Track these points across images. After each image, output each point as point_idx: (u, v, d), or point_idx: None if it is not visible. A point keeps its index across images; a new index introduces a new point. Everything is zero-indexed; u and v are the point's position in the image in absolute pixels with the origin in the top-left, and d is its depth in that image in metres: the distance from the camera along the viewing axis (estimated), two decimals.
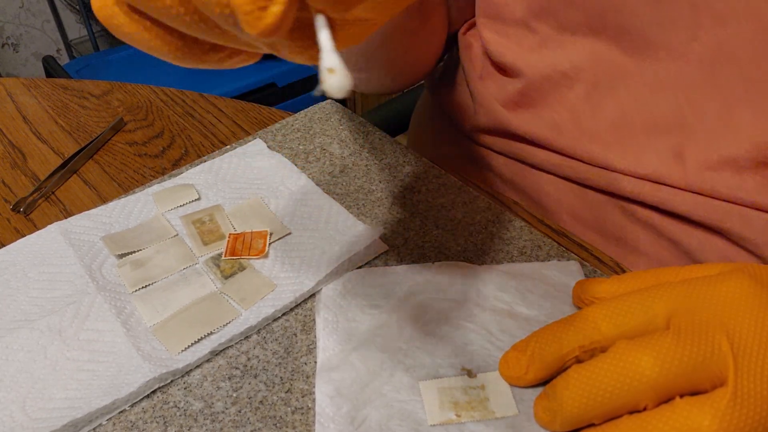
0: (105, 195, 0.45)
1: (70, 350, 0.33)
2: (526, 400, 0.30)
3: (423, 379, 0.31)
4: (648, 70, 0.38)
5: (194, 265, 0.38)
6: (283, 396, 0.31)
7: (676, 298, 0.28)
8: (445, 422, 0.29)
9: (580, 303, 0.33)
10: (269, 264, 0.38)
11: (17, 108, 0.55)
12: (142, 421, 0.30)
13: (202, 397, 0.31)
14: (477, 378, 0.31)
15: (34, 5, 1.95)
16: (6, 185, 0.46)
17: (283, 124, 0.50)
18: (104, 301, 0.35)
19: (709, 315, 0.26)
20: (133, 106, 0.55)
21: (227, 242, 0.39)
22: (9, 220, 0.43)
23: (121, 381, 0.31)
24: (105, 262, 0.38)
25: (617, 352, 0.27)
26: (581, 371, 0.27)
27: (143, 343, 0.33)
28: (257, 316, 0.34)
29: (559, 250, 0.39)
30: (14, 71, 2.02)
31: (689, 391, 0.26)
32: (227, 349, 0.33)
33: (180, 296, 0.36)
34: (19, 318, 0.35)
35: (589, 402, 0.26)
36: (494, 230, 0.40)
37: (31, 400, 0.31)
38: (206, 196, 0.43)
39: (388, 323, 0.34)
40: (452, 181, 0.44)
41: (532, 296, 0.35)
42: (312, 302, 0.36)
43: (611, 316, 0.29)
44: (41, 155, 0.50)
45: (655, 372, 0.25)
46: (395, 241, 0.39)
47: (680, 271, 0.31)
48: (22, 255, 0.38)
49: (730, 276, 0.27)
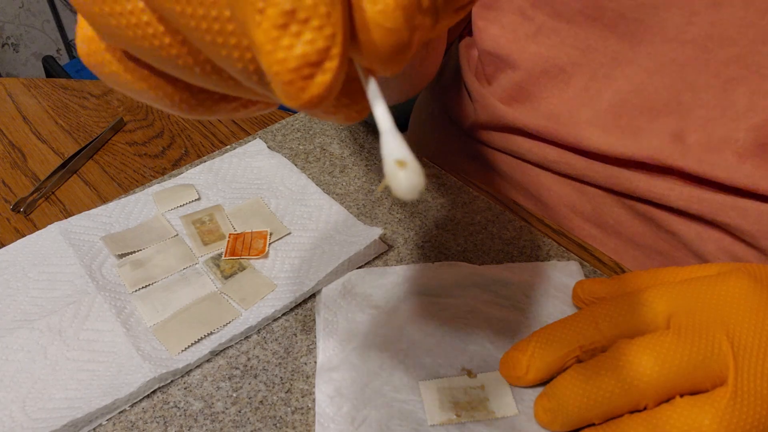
0: (105, 195, 0.45)
1: (70, 350, 0.33)
2: (526, 400, 0.30)
3: (423, 379, 0.31)
4: (644, 54, 0.38)
5: (194, 265, 0.38)
6: (283, 396, 0.31)
7: (676, 298, 0.28)
8: (445, 422, 0.29)
9: (580, 303, 0.34)
10: (269, 264, 0.38)
11: (17, 108, 0.55)
12: (142, 421, 0.30)
13: (202, 397, 0.31)
14: (477, 378, 0.31)
15: (34, 5, 1.95)
16: (6, 185, 0.46)
17: (283, 124, 0.50)
18: (104, 301, 0.35)
19: (710, 315, 0.26)
20: (133, 106, 0.55)
21: (227, 242, 0.39)
22: (9, 220, 0.43)
23: (121, 381, 0.31)
24: (105, 262, 0.38)
25: (617, 351, 0.27)
26: (581, 371, 0.27)
27: (143, 343, 0.33)
28: (257, 316, 0.34)
29: (559, 250, 0.39)
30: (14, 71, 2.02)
31: (689, 391, 0.26)
32: (227, 349, 0.33)
33: (180, 296, 0.36)
34: (19, 318, 0.35)
35: (589, 402, 0.26)
36: (494, 230, 0.40)
37: (31, 400, 0.31)
38: (206, 196, 0.43)
39: (388, 323, 0.34)
40: (452, 181, 0.44)
41: (532, 296, 0.35)
42: (312, 302, 0.36)
43: (611, 316, 0.29)
44: (41, 155, 0.50)
45: (655, 372, 0.25)
46: (395, 241, 0.39)
47: (680, 271, 0.31)
48: (22, 255, 0.38)
49: (730, 276, 0.27)
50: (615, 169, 0.40)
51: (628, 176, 0.39)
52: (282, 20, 0.13)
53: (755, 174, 0.35)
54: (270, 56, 0.13)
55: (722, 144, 0.36)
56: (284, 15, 0.13)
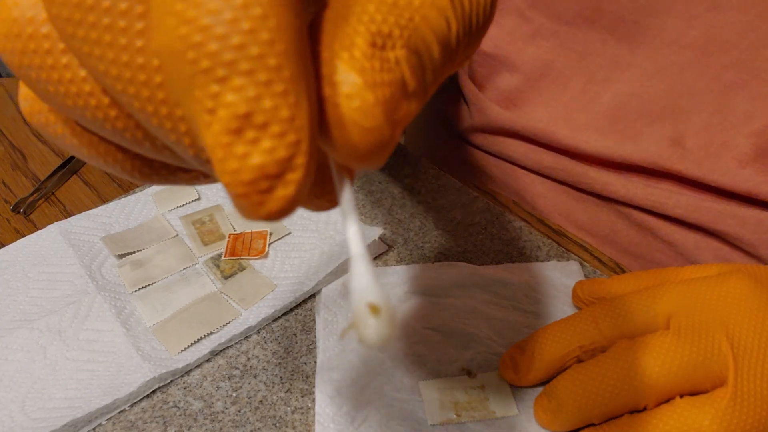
0: (105, 195, 0.45)
1: (70, 350, 0.33)
2: (526, 400, 0.30)
3: (423, 379, 0.31)
4: (642, 57, 0.37)
5: (194, 265, 0.38)
6: (283, 396, 0.31)
7: (677, 298, 0.28)
8: (445, 422, 0.29)
9: (580, 303, 0.34)
10: (269, 264, 0.38)
11: (17, 108, 0.55)
12: (142, 421, 0.30)
13: (202, 396, 0.31)
14: (477, 378, 0.31)
15: None
16: (6, 186, 0.46)
17: None
18: (104, 301, 0.35)
19: (710, 315, 0.26)
20: None
21: (227, 242, 0.39)
22: (9, 221, 0.43)
23: (121, 381, 0.31)
24: (105, 262, 0.38)
25: (617, 352, 0.27)
26: (581, 371, 0.27)
27: (143, 343, 0.33)
28: (257, 316, 0.34)
29: (558, 251, 0.39)
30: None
31: (689, 391, 0.26)
32: (227, 349, 0.33)
33: (180, 296, 0.36)
34: (19, 318, 0.35)
35: (589, 402, 0.26)
36: (494, 231, 0.40)
37: (30, 400, 0.31)
38: (206, 196, 0.43)
39: None
40: (452, 182, 0.44)
41: (532, 296, 0.35)
42: (312, 302, 0.36)
43: (611, 316, 0.29)
44: (41, 156, 0.50)
45: (655, 372, 0.25)
46: (395, 241, 0.39)
47: (680, 271, 0.31)
48: (22, 255, 0.38)
49: (730, 276, 0.27)
50: (612, 175, 0.40)
51: (625, 182, 0.39)
52: (235, 124, 0.10)
53: (755, 179, 0.35)
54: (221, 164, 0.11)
55: (722, 149, 0.36)
56: (238, 118, 0.10)
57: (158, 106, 0.11)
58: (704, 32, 0.35)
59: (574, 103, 0.41)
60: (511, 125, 0.43)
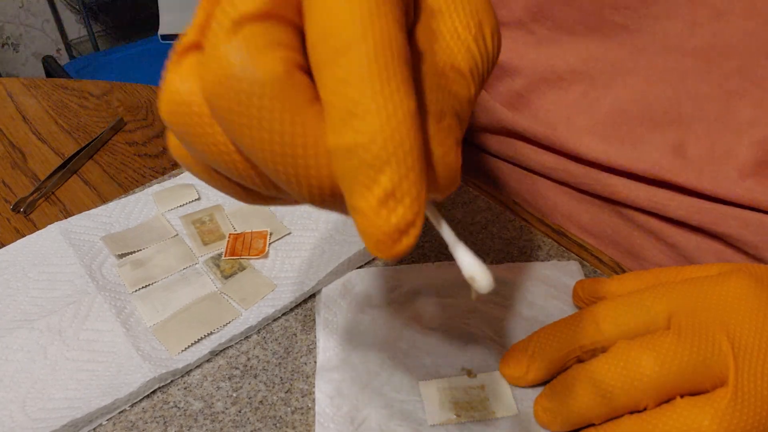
0: (105, 195, 0.45)
1: (70, 350, 0.33)
2: (526, 400, 0.30)
3: (423, 379, 0.31)
4: (644, 63, 0.37)
5: (194, 265, 0.38)
6: (283, 396, 0.31)
7: (677, 298, 0.28)
8: (445, 422, 0.29)
9: (580, 303, 0.33)
10: (269, 264, 0.38)
11: (17, 108, 0.55)
12: (142, 421, 0.30)
13: (202, 397, 0.31)
14: (477, 378, 0.31)
15: (34, 5, 1.95)
16: (6, 185, 0.46)
17: None
18: (104, 301, 0.35)
19: (710, 315, 0.26)
20: (132, 106, 0.55)
21: (227, 242, 0.39)
22: (9, 220, 0.43)
23: (121, 381, 0.31)
24: (105, 262, 0.38)
25: (618, 351, 0.27)
26: (582, 371, 0.27)
27: (143, 343, 0.33)
28: (257, 316, 0.34)
29: (559, 250, 0.39)
30: (14, 71, 2.02)
31: (690, 391, 0.26)
32: (227, 349, 0.33)
33: (180, 296, 0.36)
34: (19, 318, 0.35)
35: (589, 402, 0.26)
36: (494, 230, 0.40)
37: (30, 400, 0.31)
38: (206, 196, 0.43)
39: (388, 323, 0.34)
40: None
41: (532, 296, 0.35)
42: (312, 302, 0.36)
43: (612, 316, 0.29)
44: (41, 155, 0.49)
45: (655, 372, 0.25)
46: None
47: (681, 271, 0.31)
48: (22, 255, 0.38)
49: (731, 276, 0.27)
50: (614, 178, 0.39)
51: (627, 185, 0.39)
52: (384, 197, 0.16)
53: (756, 189, 0.35)
54: (367, 220, 0.16)
55: (723, 158, 0.36)
56: (386, 194, 0.16)
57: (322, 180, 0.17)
58: (707, 39, 0.34)
59: (574, 107, 0.41)
60: (513, 126, 0.43)
